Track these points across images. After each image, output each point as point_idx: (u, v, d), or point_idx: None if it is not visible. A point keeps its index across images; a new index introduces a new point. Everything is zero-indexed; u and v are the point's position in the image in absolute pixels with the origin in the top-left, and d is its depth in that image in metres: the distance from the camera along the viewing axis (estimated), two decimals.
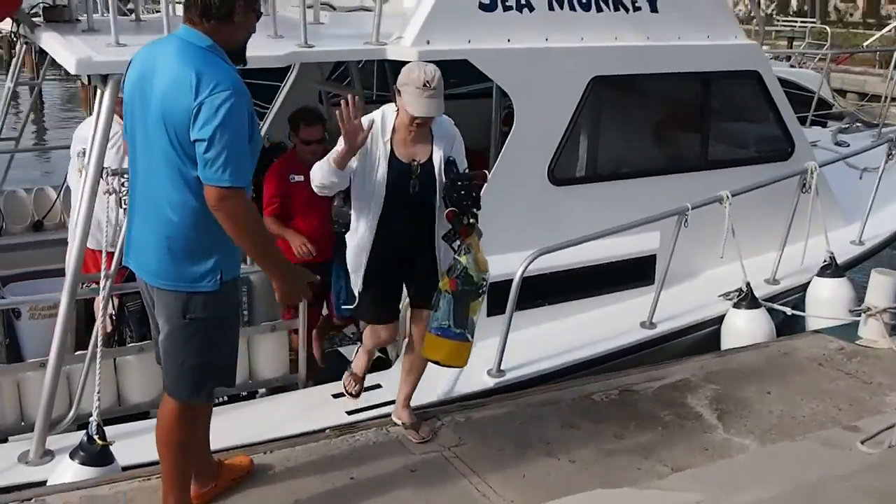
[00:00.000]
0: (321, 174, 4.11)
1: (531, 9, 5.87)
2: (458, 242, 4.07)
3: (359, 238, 4.23)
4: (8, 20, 5.68)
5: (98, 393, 4.28)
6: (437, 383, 5.19)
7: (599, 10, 6.12)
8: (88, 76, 4.83)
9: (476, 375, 5.30)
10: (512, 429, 4.58)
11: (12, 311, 5.46)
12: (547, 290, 5.94)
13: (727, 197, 6.18)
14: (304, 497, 3.90)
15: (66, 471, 4.12)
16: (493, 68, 5.68)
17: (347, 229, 4.41)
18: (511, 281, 5.16)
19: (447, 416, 4.67)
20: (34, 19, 5.72)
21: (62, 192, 7.07)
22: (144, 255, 3.43)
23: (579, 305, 6.22)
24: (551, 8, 5.94)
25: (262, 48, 5.55)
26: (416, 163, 4.15)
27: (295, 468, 4.12)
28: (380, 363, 5.62)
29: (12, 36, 6.86)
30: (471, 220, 4.06)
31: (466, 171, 4.23)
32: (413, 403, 4.70)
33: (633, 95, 6.57)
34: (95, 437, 4.13)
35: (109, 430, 4.56)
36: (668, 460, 4.31)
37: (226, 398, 5.28)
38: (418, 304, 4.37)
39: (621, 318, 6.24)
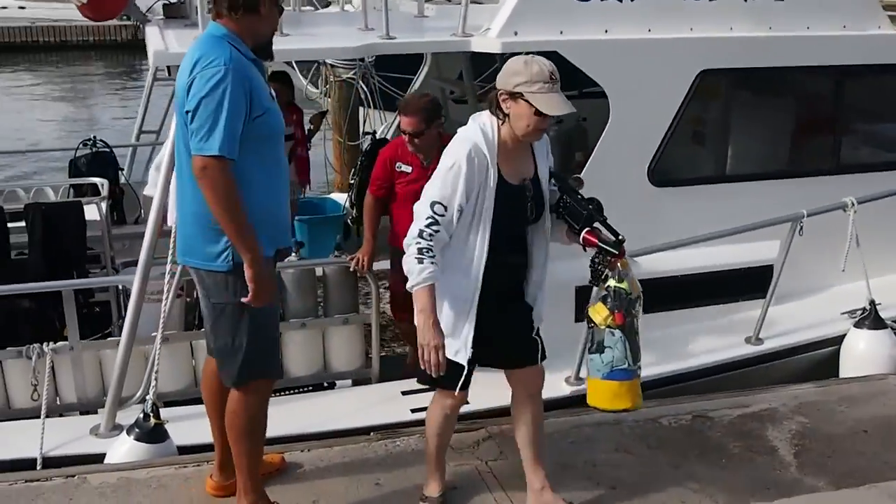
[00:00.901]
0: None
1: None
2: (603, 267, 3.50)
3: (459, 288, 3.44)
4: None
5: (156, 373, 4.44)
6: (504, 387, 5.02)
7: None
8: (167, 67, 5.00)
9: (553, 382, 5.08)
10: (561, 447, 4.34)
11: (125, 294, 5.77)
12: (645, 297, 5.60)
13: (852, 204, 5.58)
14: (322, 499, 3.87)
15: (123, 445, 4.33)
16: (587, 61, 5.37)
17: None
18: None
19: (496, 427, 4.48)
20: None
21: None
22: (181, 231, 3.57)
23: (681, 316, 5.84)
24: None
25: (339, 40, 5.59)
26: (527, 181, 3.52)
27: (324, 469, 4.10)
28: None
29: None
30: (620, 237, 3.47)
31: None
32: (466, 409, 4.57)
33: (749, 91, 6.04)
34: (150, 415, 4.30)
35: (180, 411, 4.77)
36: (720, 496, 3.94)
37: (310, 388, 5.38)
38: (520, 360, 3.69)
39: (726, 331, 5.81)
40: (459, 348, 3.47)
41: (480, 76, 7.30)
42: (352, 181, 7.41)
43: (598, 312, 3.50)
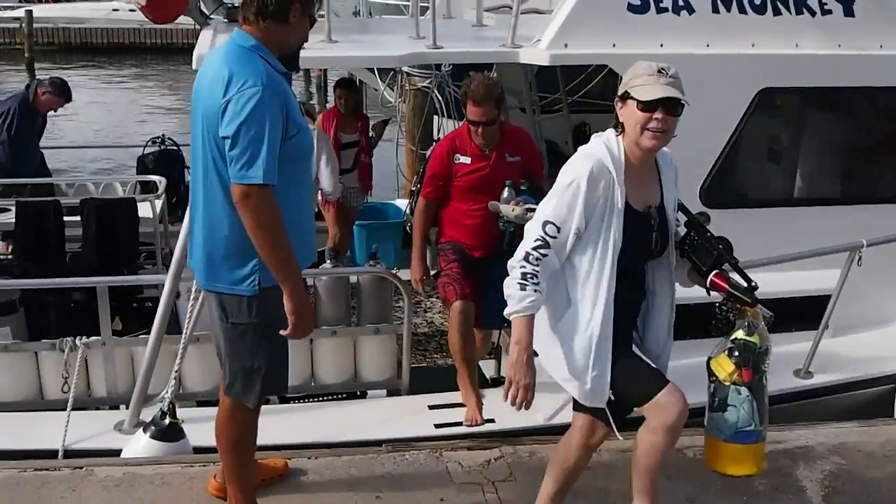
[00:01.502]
0: None
1: (691, 11, 5.31)
2: (732, 315, 3.22)
3: (583, 325, 3.11)
4: None
5: (176, 372, 4.49)
6: (537, 404, 4.89)
7: (777, 13, 5.39)
8: None
9: None
10: None
11: None
12: (693, 321, 5.38)
13: None
14: None
15: (138, 442, 4.38)
16: None
17: (513, 225, 4.09)
18: None
19: (510, 448, 4.36)
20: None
21: None
22: (195, 255, 3.51)
23: None
24: (716, 10, 5.33)
25: (383, 48, 5.56)
26: (652, 209, 3.17)
27: (327, 478, 4.07)
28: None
29: None
30: (752, 283, 3.17)
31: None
32: (485, 428, 4.48)
33: (813, 111, 5.74)
34: (166, 413, 4.34)
35: (204, 412, 4.80)
36: None
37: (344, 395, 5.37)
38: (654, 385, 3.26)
39: (774, 362, 5.49)
40: (590, 393, 3.15)
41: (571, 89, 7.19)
42: (413, 188, 7.39)
43: (723, 367, 3.18)
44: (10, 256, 5.99)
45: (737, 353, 3.16)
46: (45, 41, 35.00)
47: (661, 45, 5.28)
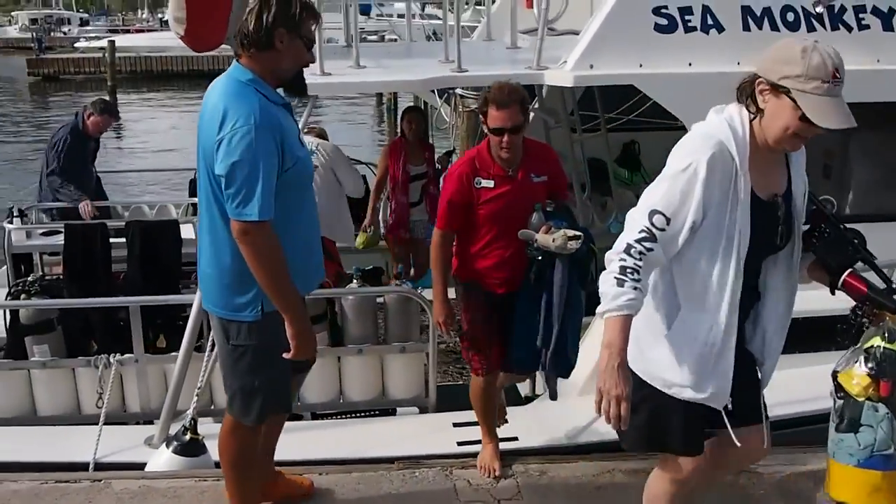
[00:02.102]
0: None
1: (721, 29, 5.25)
2: (867, 321, 2.86)
3: (703, 330, 2.75)
4: None
5: (199, 389, 4.61)
6: (564, 424, 4.88)
7: (811, 28, 5.29)
8: None
9: None
10: (584, 493, 4.15)
11: None
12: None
13: None
14: None
15: (161, 456, 4.51)
16: (667, 95, 5.17)
17: (542, 253, 3.89)
18: None
19: (522, 467, 4.34)
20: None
21: None
22: (201, 279, 3.61)
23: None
24: (746, 28, 5.26)
25: (408, 73, 5.63)
26: (778, 198, 2.80)
27: (335, 495, 4.11)
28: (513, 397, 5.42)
29: None
30: (894, 285, 2.84)
31: None
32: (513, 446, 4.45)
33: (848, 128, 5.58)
34: (188, 429, 4.46)
35: None
36: None
37: (376, 412, 5.42)
38: (745, 419, 2.93)
39: (812, 383, 5.35)
40: (709, 397, 2.78)
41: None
42: None
43: (855, 380, 2.84)
44: (60, 277, 6.22)
45: (873, 364, 2.81)
46: (128, 69, 36.42)
47: (690, 64, 5.23)
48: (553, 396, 4.40)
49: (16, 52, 54.00)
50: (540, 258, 3.96)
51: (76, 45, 46.21)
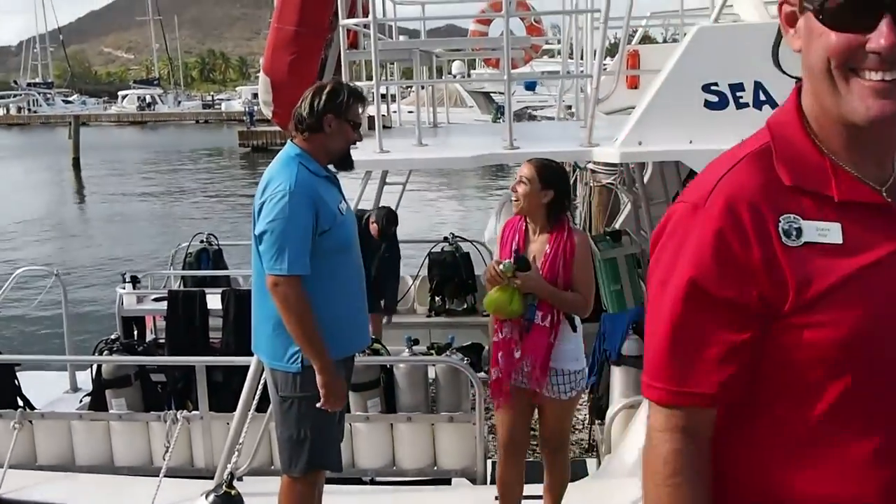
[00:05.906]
0: None
1: (774, 105, 5.17)
2: None
3: None
4: None
5: (240, 445, 4.90)
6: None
7: None
8: None
9: None
10: None
11: None
12: None
13: None
14: None
15: None
16: None
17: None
18: None
19: None
20: None
21: None
22: (253, 332, 3.97)
23: None
24: None
25: (461, 150, 5.85)
26: None
27: None
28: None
29: None
30: None
31: None
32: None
33: None
34: (224, 483, 4.75)
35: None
36: None
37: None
38: None
39: None
40: None
41: None
42: None
43: None
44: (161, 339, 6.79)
45: None
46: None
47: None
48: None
49: (233, 124, 60.27)
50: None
51: None
